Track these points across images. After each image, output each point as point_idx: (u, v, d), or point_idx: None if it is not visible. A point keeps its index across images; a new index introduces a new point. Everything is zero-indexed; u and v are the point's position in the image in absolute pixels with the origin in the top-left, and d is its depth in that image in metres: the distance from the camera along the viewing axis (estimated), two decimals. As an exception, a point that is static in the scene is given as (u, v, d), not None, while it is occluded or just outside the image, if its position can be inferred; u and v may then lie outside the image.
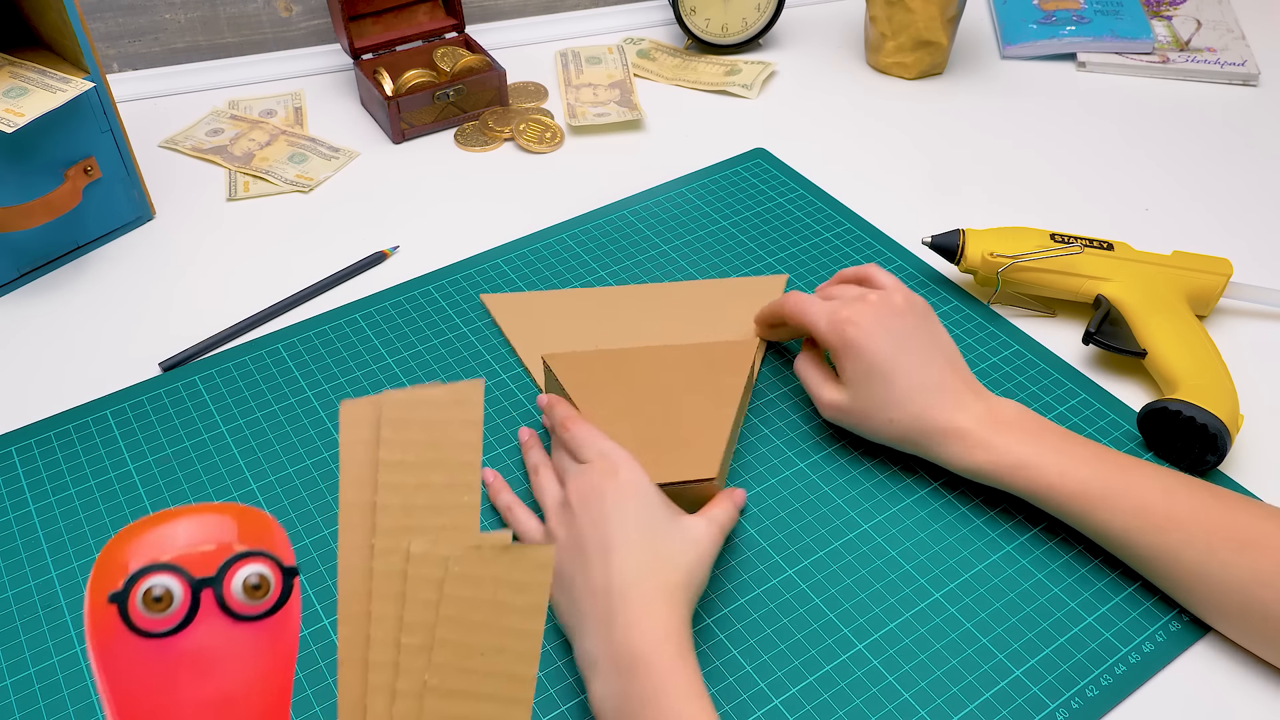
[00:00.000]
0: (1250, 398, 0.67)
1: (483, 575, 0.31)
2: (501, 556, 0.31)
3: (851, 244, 0.79)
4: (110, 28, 0.94)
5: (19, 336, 0.72)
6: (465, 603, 0.31)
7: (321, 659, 0.53)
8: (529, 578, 0.31)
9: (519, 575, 0.31)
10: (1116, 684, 0.52)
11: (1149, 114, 0.95)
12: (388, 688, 0.31)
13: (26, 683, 0.52)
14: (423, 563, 0.31)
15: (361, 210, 0.83)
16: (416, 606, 0.31)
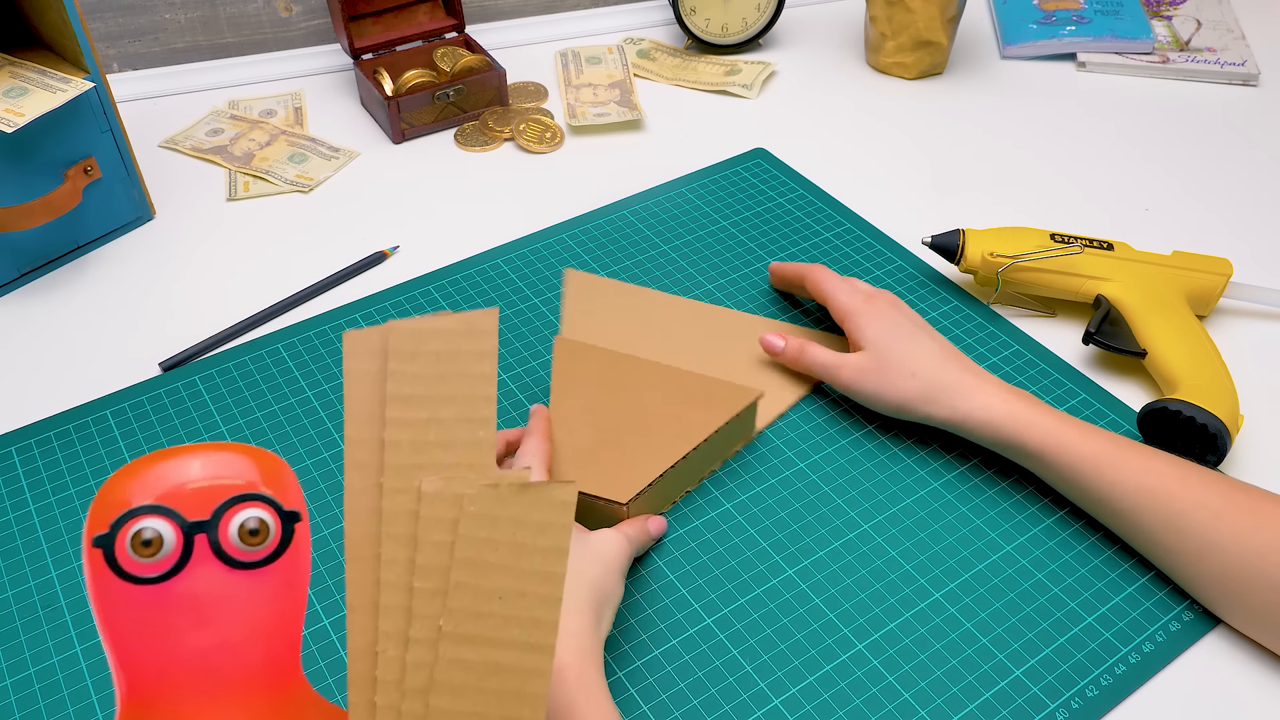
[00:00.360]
0: (1250, 398, 0.67)
1: (501, 515, 0.29)
2: (521, 495, 0.29)
3: (851, 244, 0.79)
4: (110, 28, 0.94)
5: (19, 336, 0.72)
6: (482, 544, 0.29)
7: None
8: (550, 518, 0.29)
9: (540, 515, 0.29)
10: (1117, 683, 0.52)
11: (1149, 114, 0.95)
12: (400, 633, 0.29)
13: (26, 683, 0.52)
14: (435, 502, 0.29)
15: (362, 210, 0.83)
16: (429, 549, 0.29)
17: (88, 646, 0.53)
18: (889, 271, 0.76)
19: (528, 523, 0.29)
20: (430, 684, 0.29)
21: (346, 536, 0.30)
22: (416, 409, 0.30)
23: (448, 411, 0.30)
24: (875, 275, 0.76)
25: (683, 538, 0.59)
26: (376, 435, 0.30)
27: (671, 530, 0.59)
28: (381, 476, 0.30)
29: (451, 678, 0.29)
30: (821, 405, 0.66)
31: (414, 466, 0.30)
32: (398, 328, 0.30)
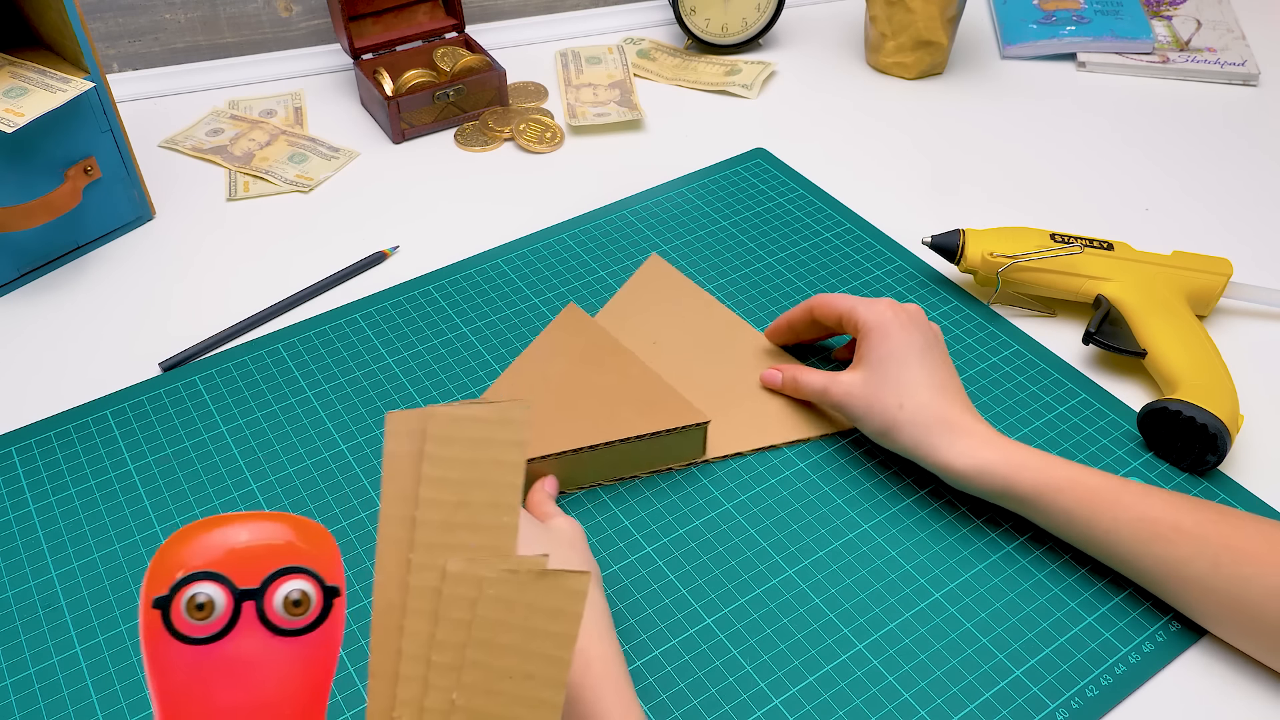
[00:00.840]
0: (1250, 398, 0.67)
1: (516, 599, 0.31)
2: (537, 582, 0.31)
3: (851, 244, 0.79)
4: (110, 28, 0.94)
5: (19, 336, 0.72)
6: (497, 625, 0.31)
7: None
8: (562, 605, 0.31)
9: (553, 602, 0.31)
10: (1116, 684, 0.52)
11: (1149, 114, 0.95)
12: (416, 702, 0.31)
13: (26, 683, 0.52)
14: (458, 581, 0.31)
15: (361, 210, 0.83)
16: (449, 625, 0.31)
17: (88, 646, 0.53)
18: (889, 271, 0.76)
19: (541, 609, 0.31)
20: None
21: (374, 606, 0.32)
22: (448, 491, 0.32)
23: (477, 496, 0.32)
24: (875, 275, 0.76)
25: (683, 538, 0.59)
26: (410, 513, 0.32)
27: (671, 530, 0.59)
28: (411, 552, 0.32)
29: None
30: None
31: (442, 545, 0.32)
32: (437, 413, 0.32)
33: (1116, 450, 0.63)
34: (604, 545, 0.58)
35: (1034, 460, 0.55)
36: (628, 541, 0.58)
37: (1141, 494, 0.54)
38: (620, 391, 0.61)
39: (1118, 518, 0.53)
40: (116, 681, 0.52)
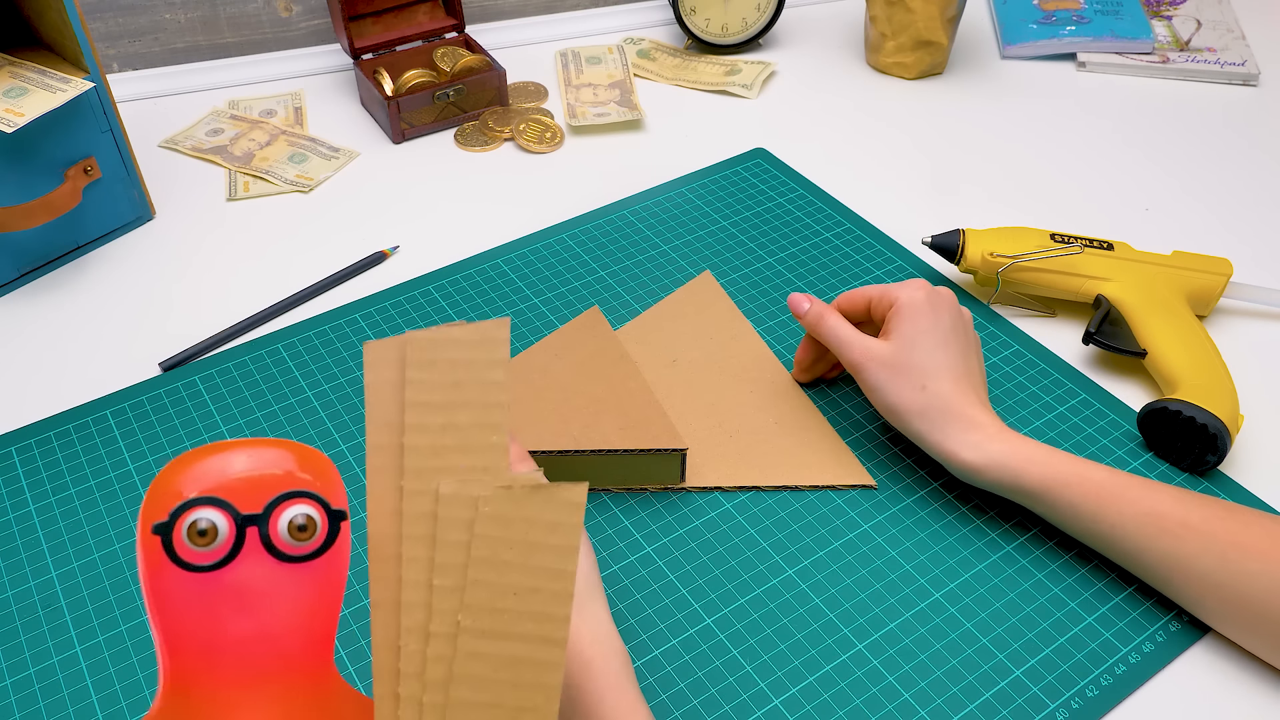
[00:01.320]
0: (1250, 398, 0.67)
1: (514, 515, 0.31)
2: (533, 496, 0.31)
3: (851, 244, 0.79)
4: (110, 28, 0.94)
5: (19, 336, 0.72)
6: (496, 543, 0.31)
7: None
8: (561, 517, 0.30)
9: (551, 515, 0.30)
10: (1116, 684, 0.52)
11: (1149, 114, 0.95)
12: (421, 628, 0.31)
13: (26, 683, 0.52)
14: (452, 503, 0.31)
15: (361, 210, 0.83)
16: (447, 548, 0.31)
17: (88, 647, 0.53)
18: (889, 271, 0.76)
19: (539, 522, 0.30)
20: (450, 676, 0.31)
21: (370, 537, 0.31)
22: (434, 415, 0.31)
23: (463, 417, 0.31)
24: (875, 275, 0.76)
25: (683, 538, 0.59)
26: (396, 440, 0.31)
27: (671, 530, 0.59)
28: (402, 479, 0.31)
29: (470, 670, 0.30)
30: (821, 405, 0.66)
31: (432, 470, 0.31)
32: (415, 338, 0.31)
33: (1116, 450, 0.63)
34: (604, 545, 0.58)
35: (1041, 455, 0.55)
36: (628, 541, 0.58)
37: (1148, 489, 0.54)
38: (609, 402, 0.61)
39: (1123, 512, 0.53)
40: (116, 681, 0.52)
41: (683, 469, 0.60)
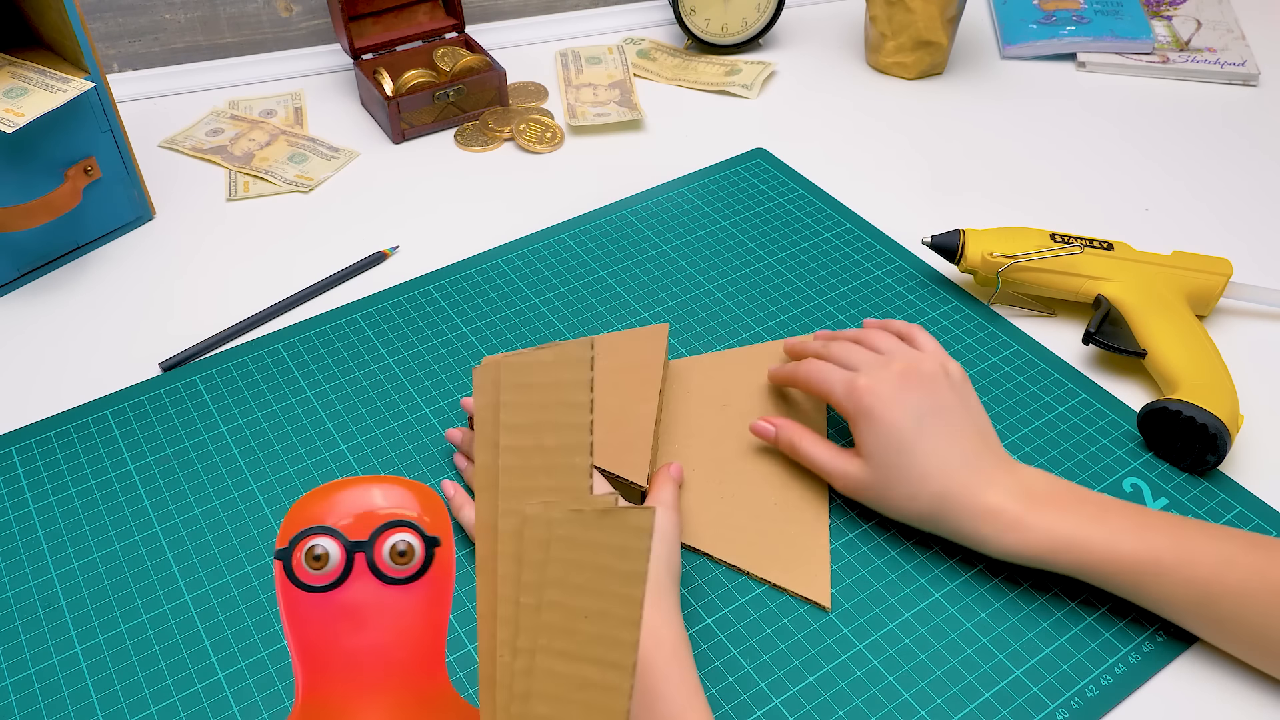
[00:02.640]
0: (1250, 398, 0.67)
1: (584, 539, 0.31)
2: (603, 520, 0.31)
3: (851, 244, 0.79)
4: (110, 28, 0.94)
5: (19, 336, 0.72)
6: (569, 565, 0.32)
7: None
8: (629, 543, 0.31)
9: (619, 540, 0.31)
10: (1116, 684, 0.52)
11: (1149, 114, 0.95)
12: (511, 642, 0.32)
13: (26, 683, 0.52)
14: (535, 524, 0.32)
15: (361, 210, 0.83)
16: (530, 567, 0.32)
17: (88, 646, 0.53)
18: (889, 271, 0.76)
19: (608, 547, 0.31)
20: (529, 691, 0.32)
21: (477, 552, 0.34)
22: (524, 437, 0.33)
23: (549, 439, 0.33)
24: (875, 275, 0.76)
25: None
26: (496, 461, 0.33)
27: (671, 530, 0.59)
28: (499, 499, 0.33)
29: (546, 688, 0.32)
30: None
31: (522, 490, 0.33)
32: (508, 362, 0.34)
33: (1116, 450, 0.63)
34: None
35: (1069, 537, 0.51)
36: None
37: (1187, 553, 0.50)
38: (610, 418, 0.60)
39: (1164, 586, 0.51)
40: (116, 681, 0.52)
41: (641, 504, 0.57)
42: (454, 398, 0.67)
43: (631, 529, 0.31)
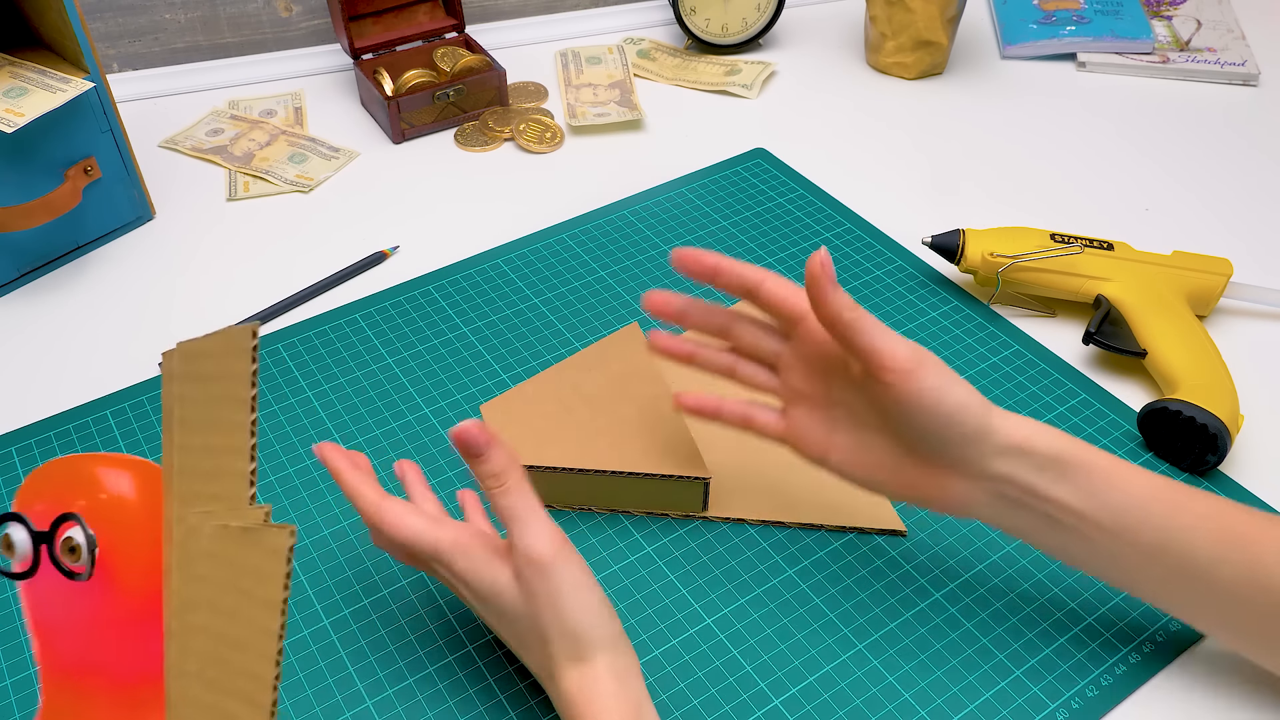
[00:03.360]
0: (1250, 398, 0.67)
1: (229, 558, 0.27)
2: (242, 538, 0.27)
3: (851, 244, 0.79)
4: (110, 28, 0.94)
5: (19, 336, 0.72)
6: (216, 586, 0.28)
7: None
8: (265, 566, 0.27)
9: (255, 562, 0.27)
10: (1116, 684, 0.52)
11: (1149, 114, 0.95)
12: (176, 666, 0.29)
13: (26, 683, 0.52)
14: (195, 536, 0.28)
15: (361, 210, 0.83)
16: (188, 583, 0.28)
17: (88, 646, 0.53)
18: (889, 271, 0.76)
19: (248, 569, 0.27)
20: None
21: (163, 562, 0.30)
22: (194, 435, 0.29)
23: (217, 439, 0.29)
24: (875, 275, 0.76)
25: (682, 538, 0.59)
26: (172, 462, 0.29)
27: (671, 530, 0.59)
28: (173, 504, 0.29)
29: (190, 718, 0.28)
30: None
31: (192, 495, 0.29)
32: (181, 350, 0.29)
33: (1116, 450, 0.63)
34: (604, 545, 0.58)
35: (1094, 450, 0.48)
36: (628, 541, 0.58)
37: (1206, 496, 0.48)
38: (636, 424, 0.60)
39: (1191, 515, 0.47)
40: (116, 681, 0.52)
41: (705, 498, 0.59)
42: (454, 397, 0.67)
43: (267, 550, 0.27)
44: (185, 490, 0.29)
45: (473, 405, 0.66)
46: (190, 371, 0.29)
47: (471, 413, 0.66)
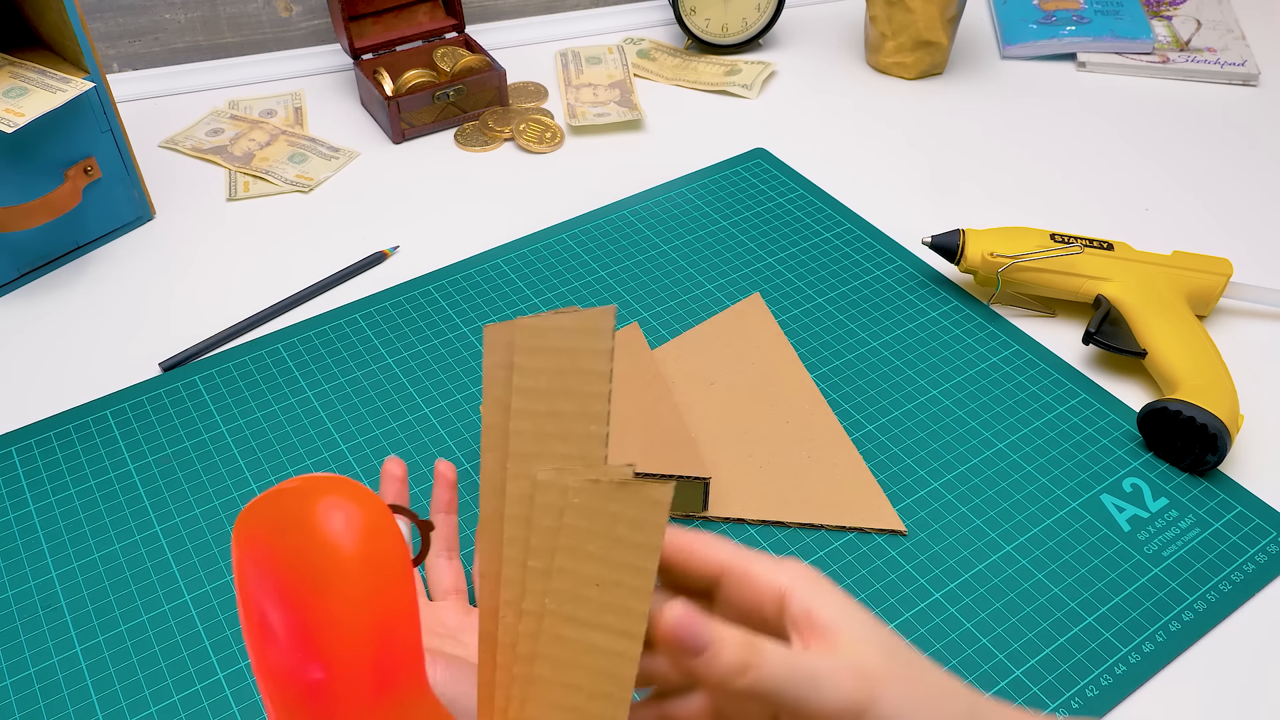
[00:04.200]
0: (1250, 398, 0.67)
1: (599, 509, 0.31)
2: (619, 492, 0.31)
3: (851, 244, 0.79)
4: (110, 28, 0.94)
5: (19, 336, 0.72)
6: (582, 534, 0.31)
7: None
8: (645, 516, 0.31)
9: (635, 512, 0.31)
10: (1116, 684, 0.52)
11: (1149, 114, 0.95)
12: (516, 604, 0.32)
13: (26, 683, 0.52)
14: (547, 490, 0.32)
15: (361, 210, 0.83)
16: (540, 532, 0.32)
17: (88, 646, 0.53)
18: (889, 271, 0.76)
19: (623, 518, 0.31)
20: (535, 654, 0.32)
21: (480, 511, 0.33)
22: (538, 401, 0.32)
23: (565, 406, 0.32)
24: (875, 275, 0.76)
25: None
26: (505, 423, 0.33)
27: (671, 530, 0.59)
28: (507, 461, 0.33)
29: (552, 651, 0.32)
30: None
31: (533, 454, 0.32)
32: (524, 325, 0.33)
33: (1116, 450, 0.63)
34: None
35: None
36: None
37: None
38: (635, 423, 0.60)
39: None
40: (116, 681, 0.52)
41: (705, 498, 0.59)
42: (454, 397, 0.67)
43: (649, 502, 0.31)
44: (524, 450, 0.32)
45: (472, 405, 0.66)
46: (537, 345, 0.32)
47: (471, 413, 0.66)
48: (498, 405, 0.33)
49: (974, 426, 0.65)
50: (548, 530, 0.32)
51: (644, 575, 0.31)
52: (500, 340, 0.33)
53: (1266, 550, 0.58)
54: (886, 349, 0.70)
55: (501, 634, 0.32)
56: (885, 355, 0.70)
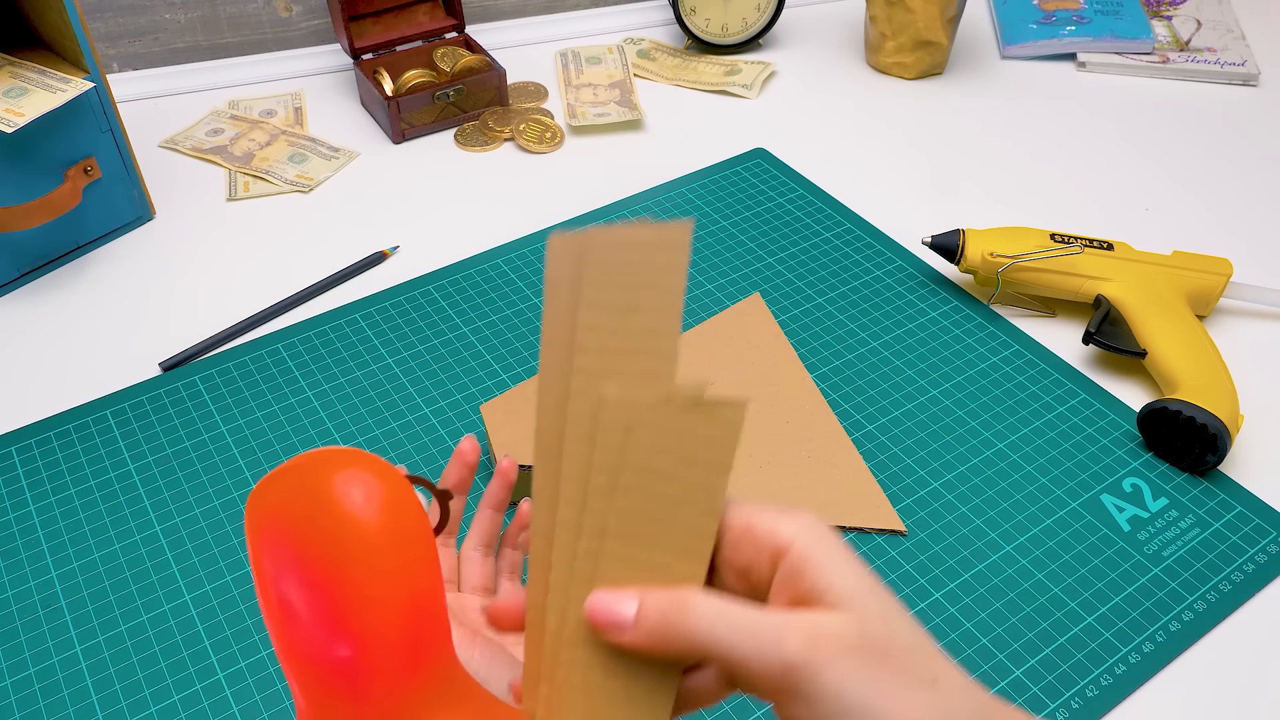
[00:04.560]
0: (1250, 398, 0.67)
1: (671, 427, 0.30)
2: (692, 411, 0.30)
3: (851, 244, 0.79)
4: (110, 28, 0.94)
5: (19, 336, 0.72)
6: (652, 451, 0.30)
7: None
8: (718, 435, 0.30)
9: (707, 430, 0.30)
10: (1116, 684, 0.52)
11: (1149, 114, 0.95)
12: (574, 523, 0.31)
13: (26, 683, 0.52)
14: (613, 407, 0.31)
15: (361, 210, 0.83)
16: (605, 450, 0.31)
17: (88, 646, 0.53)
18: (889, 271, 0.76)
19: (695, 436, 0.30)
20: (594, 573, 0.31)
21: (537, 428, 0.32)
22: (606, 316, 0.31)
23: (634, 321, 0.31)
24: (875, 275, 0.76)
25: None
26: (569, 337, 0.31)
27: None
28: (570, 378, 0.31)
29: (612, 570, 0.31)
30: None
31: (599, 370, 0.31)
32: (597, 237, 0.31)
33: (1116, 450, 0.63)
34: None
35: None
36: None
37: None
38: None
39: None
40: (116, 681, 0.52)
41: None
42: (454, 397, 0.67)
43: (723, 421, 0.30)
44: (590, 365, 0.31)
45: (473, 405, 0.66)
46: (609, 259, 0.31)
47: (471, 413, 0.66)
48: (560, 319, 0.32)
49: (974, 426, 0.65)
50: (613, 448, 0.30)
51: (714, 494, 0.30)
52: (567, 252, 0.32)
53: (1266, 550, 0.58)
54: (886, 349, 0.70)
55: (556, 555, 0.31)
56: (885, 355, 0.70)
